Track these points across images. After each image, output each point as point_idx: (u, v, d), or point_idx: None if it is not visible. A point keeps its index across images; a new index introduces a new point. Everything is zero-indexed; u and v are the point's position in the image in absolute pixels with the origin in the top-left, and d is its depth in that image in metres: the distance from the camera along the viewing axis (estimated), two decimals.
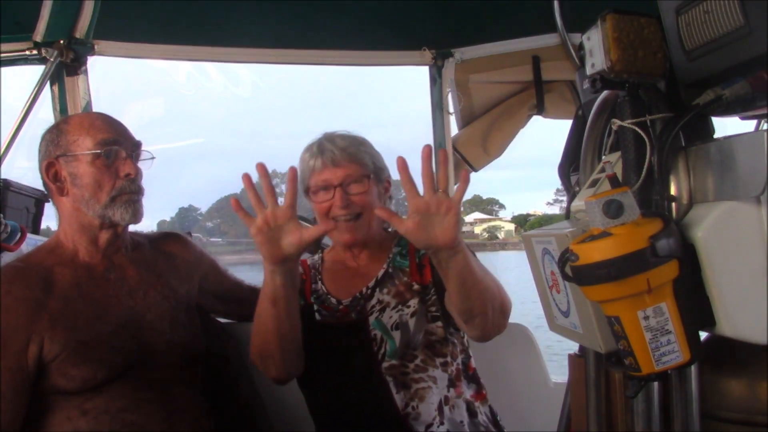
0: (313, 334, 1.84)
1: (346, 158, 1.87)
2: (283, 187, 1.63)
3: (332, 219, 1.86)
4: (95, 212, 1.77)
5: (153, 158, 1.88)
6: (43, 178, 1.83)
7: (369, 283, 1.92)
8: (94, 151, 1.76)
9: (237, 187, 1.59)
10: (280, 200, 1.61)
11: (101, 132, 1.79)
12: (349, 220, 1.87)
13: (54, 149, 1.80)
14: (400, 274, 1.91)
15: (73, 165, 1.78)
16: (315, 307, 1.94)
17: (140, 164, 1.84)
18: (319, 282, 1.99)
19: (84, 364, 1.68)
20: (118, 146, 1.79)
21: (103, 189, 1.77)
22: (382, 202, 1.95)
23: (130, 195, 1.80)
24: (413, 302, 1.85)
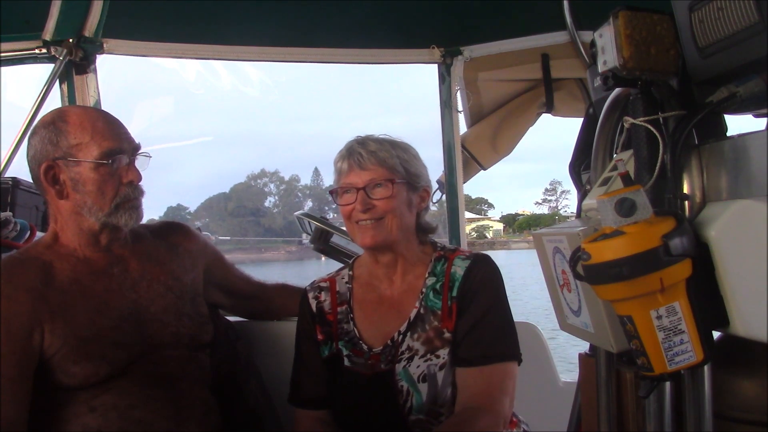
0: (340, 381, 1.84)
1: (373, 162, 1.82)
2: (272, 186, 1.61)
3: (354, 222, 1.84)
4: (98, 218, 1.76)
5: (149, 157, 1.85)
6: (38, 179, 1.78)
7: (401, 326, 1.85)
8: (99, 161, 1.73)
9: (226, 186, 1.59)
10: (269, 200, 1.58)
11: (106, 139, 1.75)
12: (370, 224, 1.82)
13: (53, 150, 1.74)
14: (431, 318, 1.83)
15: (75, 170, 1.74)
16: (344, 351, 1.87)
17: (137, 164, 1.81)
18: (351, 323, 1.91)
19: (85, 361, 1.67)
20: (122, 154, 1.77)
21: (106, 196, 1.75)
22: (414, 211, 1.89)
23: (134, 201, 1.79)
24: (443, 353, 1.79)
